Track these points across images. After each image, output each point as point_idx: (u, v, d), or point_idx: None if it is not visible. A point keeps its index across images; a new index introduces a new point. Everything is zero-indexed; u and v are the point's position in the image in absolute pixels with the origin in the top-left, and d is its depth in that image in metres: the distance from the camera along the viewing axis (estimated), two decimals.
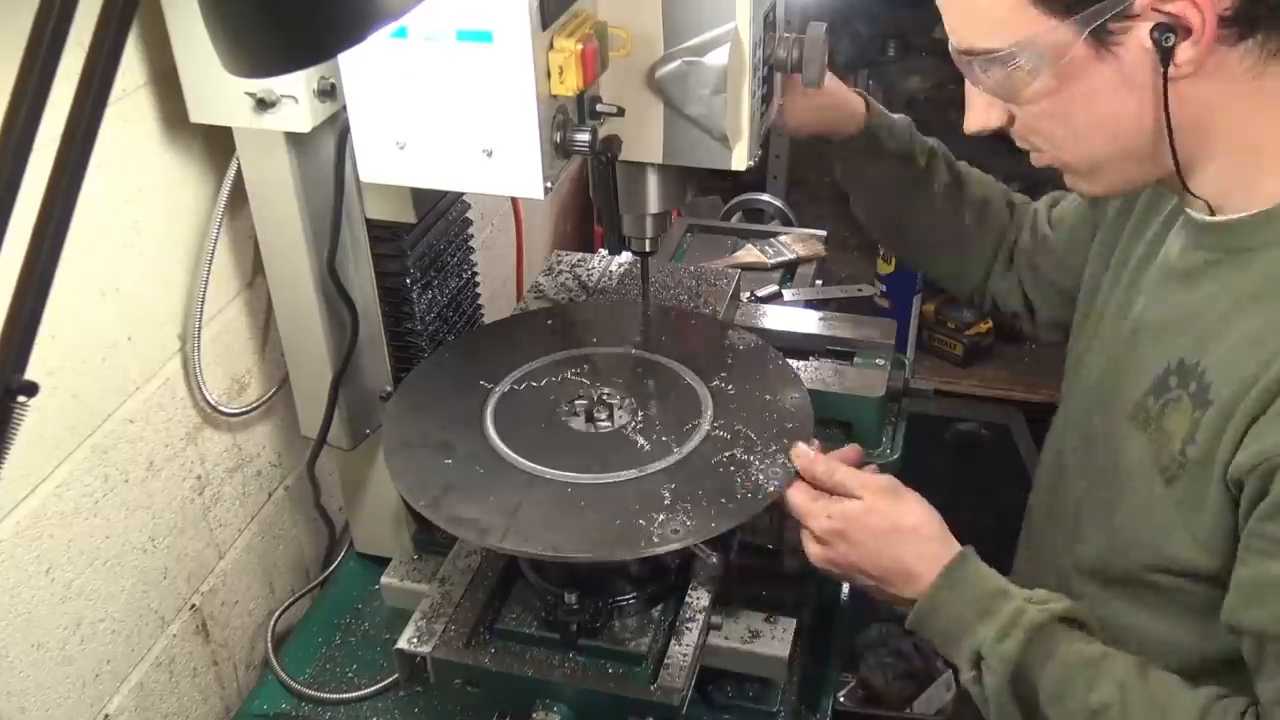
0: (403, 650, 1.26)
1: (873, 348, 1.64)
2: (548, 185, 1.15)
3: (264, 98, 1.20)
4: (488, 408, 1.34)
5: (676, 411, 1.33)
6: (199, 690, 1.48)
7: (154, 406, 1.33)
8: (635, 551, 1.15)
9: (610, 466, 1.24)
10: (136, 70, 1.23)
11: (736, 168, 1.27)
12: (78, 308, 1.20)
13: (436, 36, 1.09)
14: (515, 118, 1.11)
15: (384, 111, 1.15)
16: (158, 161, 1.29)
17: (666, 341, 1.47)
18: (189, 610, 1.45)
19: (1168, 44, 0.96)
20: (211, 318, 1.41)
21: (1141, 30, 0.97)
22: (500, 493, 1.21)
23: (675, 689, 1.19)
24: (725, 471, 1.23)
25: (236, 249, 1.45)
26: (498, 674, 1.24)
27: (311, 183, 1.31)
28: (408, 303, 1.43)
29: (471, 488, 1.22)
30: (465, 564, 1.36)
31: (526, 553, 1.17)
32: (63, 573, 1.21)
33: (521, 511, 1.18)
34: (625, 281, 1.75)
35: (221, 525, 1.50)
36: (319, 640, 1.52)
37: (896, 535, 1.17)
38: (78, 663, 1.25)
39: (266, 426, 1.57)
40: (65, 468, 1.20)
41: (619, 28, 1.20)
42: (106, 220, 1.23)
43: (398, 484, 1.25)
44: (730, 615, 1.32)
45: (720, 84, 1.20)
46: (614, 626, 1.28)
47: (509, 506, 1.18)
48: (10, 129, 0.64)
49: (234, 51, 0.79)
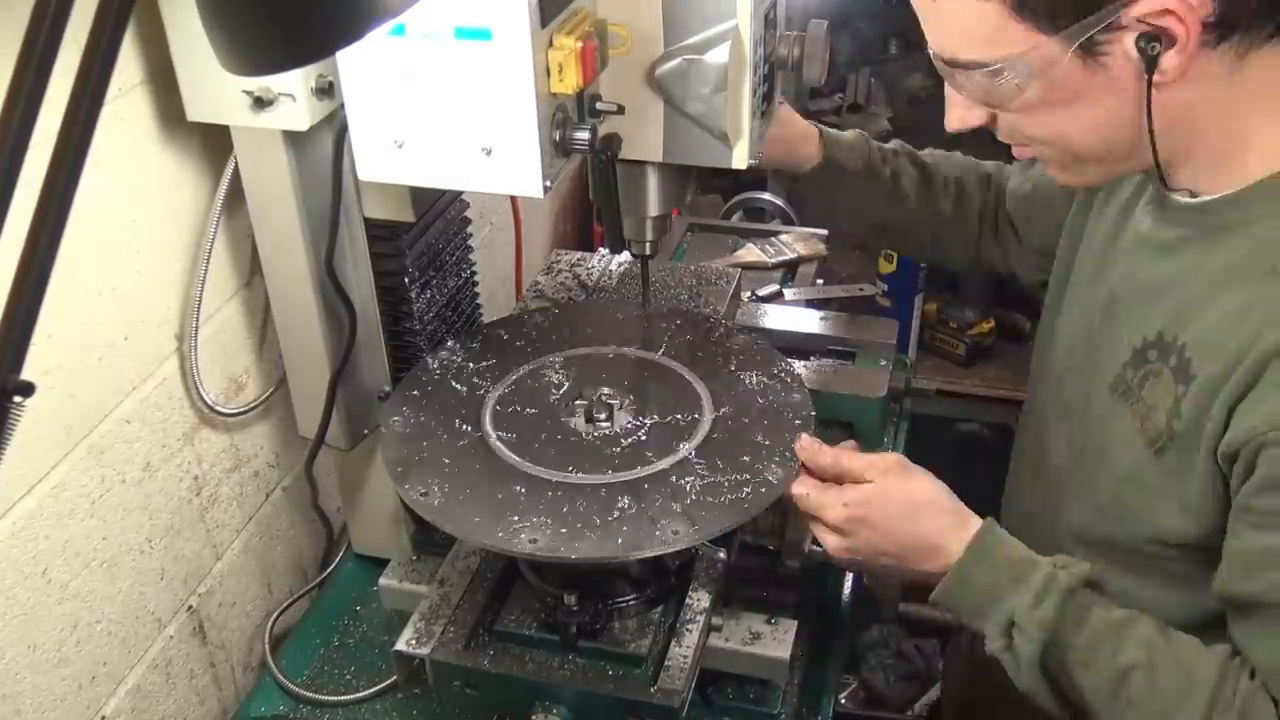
0: (401, 652, 1.25)
1: (874, 348, 1.64)
2: (547, 184, 1.14)
3: (261, 96, 1.19)
4: (486, 409, 1.33)
5: (676, 411, 1.33)
6: (196, 692, 1.48)
7: (151, 407, 1.33)
8: (637, 553, 1.14)
9: (611, 467, 1.24)
10: (133, 68, 1.23)
11: (737, 166, 1.27)
12: (74, 307, 1.19)
13: (435, 34, 1.08)
14: (514, 116, 1.10)
15: (382, 110, 1.15)
16: (155, 160, 1.29)
17: (666, 341, 1.47)
18: (186, 612, 1.44)
19: (1153, 53, 0.97)
20: (209, 317, 1.40)
21: (1127, 40, 0.98)
22: (502, 495, 1.20)
23: (675, 690, 1.19)
24: (727, 470, 1.23)
25: (234, 248, 1.44)
26: (497, 676, 1.23)
27: (309, 181, 1.30)
28: (406, 302, 1.42)
29: (473, 490, 1.21)
30: (464, 565, 1.36)
31: (529, 555, 1.16)
32: (59, 574, 1.21)
33: (524, 514, 1.17)
34: (625, 281, 1.75)
35: (219, 526, 1.49)
36: (317, 642, 1.51)
37: (914, 511, 1.18)
38: (74, 665, 1.24)
39: (264, 427, 1.56)
40: (62, 468, 1.20)
41: (619, 25, 1.20)
42: (103, 219, 1.22)
43: (398, 486, 1.24)
44: (731, 617, 1.31)
45: (721, 82, 1.19)
46: (614, 628, 1.28)
47: (511, 509, 1.18)
48: (6, 127, 0.64)
49: (231, 49, 0.79)
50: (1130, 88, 1.01)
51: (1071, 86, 1.03)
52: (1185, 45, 0.97)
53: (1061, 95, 1.04)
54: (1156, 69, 0.98)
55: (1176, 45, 0.97)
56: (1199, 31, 0.97)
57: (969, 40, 1.04)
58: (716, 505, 1.18)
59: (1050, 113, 1.07)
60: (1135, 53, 0.98)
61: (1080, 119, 1.07)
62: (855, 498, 1.19)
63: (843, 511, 1.19)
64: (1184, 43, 0.96)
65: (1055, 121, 1.08)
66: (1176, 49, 0.97)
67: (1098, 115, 1.05)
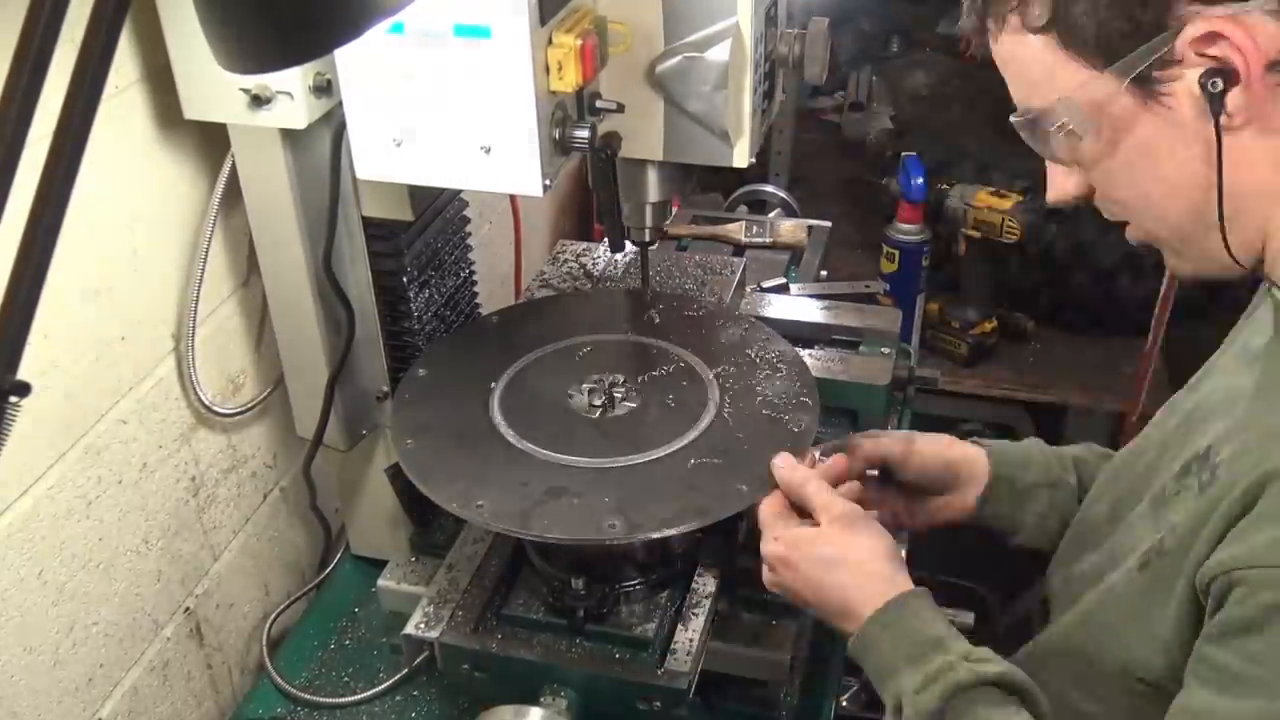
0: (410, 635, 1.26)
1: (878, 336, 1.64)
2: (546, 183, 1.14)
3: (259, 94, 1.19)
4: (494, 397, 1.35)
5: (682, 396, 1.34)
6: (193, 694, 1.47)
7: (148, 407, 1.32)
8: (641, 535, 1.16)
9: (614, 452, 1.25)
10: (130, 66, 1.22)
11: (738, 165, 1.27)
12: (70, 307, 1.18)
13: (434, 32, 1.08)
14: (514, 114, 1.10)
15: (381, 108, 1.14)
16: (151, 159, 1.28)
17: (670, 329, 1.48)
18: (183, 613, 1.43)
19: (1215, 90, 0.90)
20: (206, 317, 1.40)
21: (1190, 77, 0.92)
22: (509, 479, 1.22)
23: (682, 673, 1.19)
24: (733, 455, 1.24)
25: (231, 247, 1.43)
26: (505, 659, 1.24)
27: (307, 180, 1.30)
28: (404, 302, 1.42)
29: (483, 476, 1.23)
30: (472, 550, 1.36)
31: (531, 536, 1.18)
32: (55, 575, 1.20)
33: (531, 498, 1.19)
34: (631, 270, 1.75)
35: (216, 527, 1.49)
36: (315, 644, 1.50)
37: (842, 567, 1.13)
38: (70, 667, 1.24)
39: (262, 427, 1.56)
40: (58, 469, 1.19)
41: (619, 23, 1.19)
42: (99, 218, 1.22)
43: (415, 478, 1.25)
44: (732, 617, 1.31)
45: (721, 80, 1.19)
46: (621, 612, 1.29)
47: (520, 493, 1.20)
48: (2, 126, 0.63)
49: (228, 47, 0.78)
50: (1203, 136, 0.94)
51: (1136, 131, 0.97)
52: (1249, 80, 0.89)
53: (1131, 146, 0.98)
54: (1224, 111, 0.91)
55: (1241, 82, 0.90)
56: (1263, 68, 0.90)
57: (1030, 83, 1.01)
58: (702, 500, 1.19)
59: (1127, 171, 1.01)
60: (1198, 91, 0.91)
61: (1159, 179, 1.00)
62: (789, 537, 1.15)
63: (775, 546, 1.16)
64: (1246, 77, 0.89)
65: (1134, 182, 1.01)
66: (1241, 86, 0.90)
67: (1174, 173, 0.98)
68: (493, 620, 1.30)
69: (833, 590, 1.13)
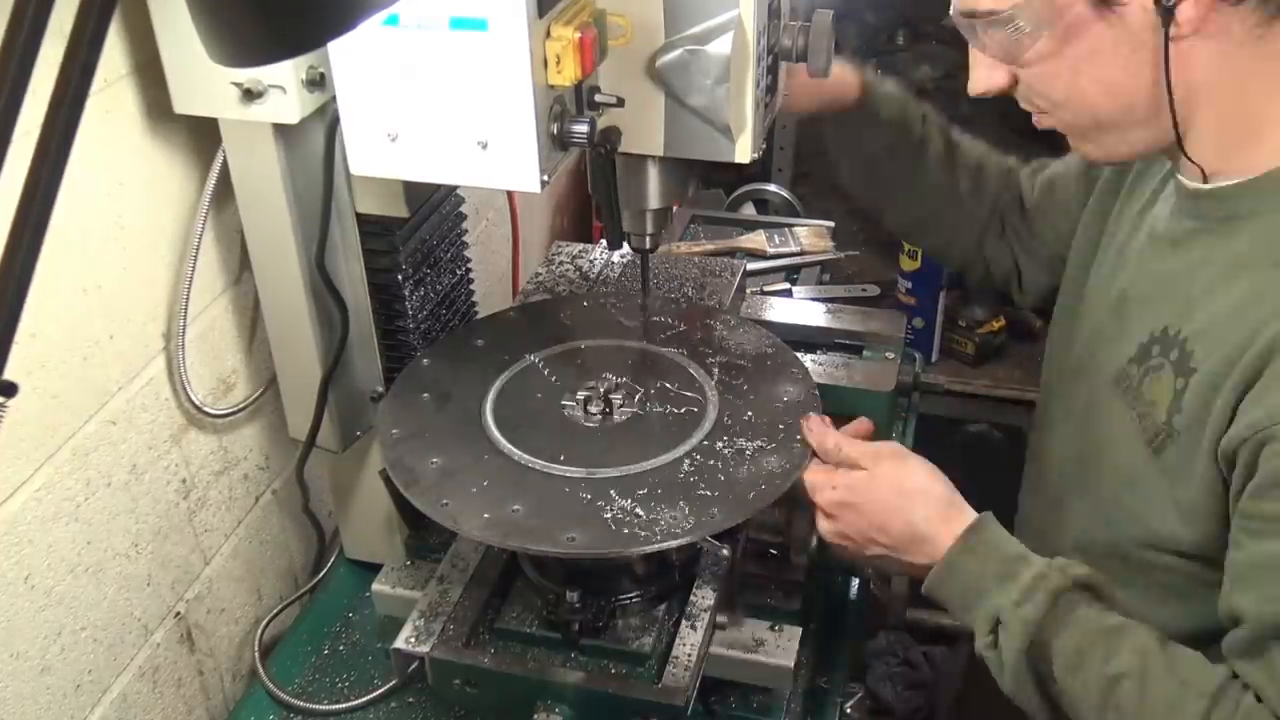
0: (400, 650, 1.24)
1: (882, 341, 1.62)
2: (544, 178, 1.12)
3: (251, 88, 1.18)
4: (487, 403, 1.33)
5: (680, 404, 1.32)
6: (184, 701, 1.45)
7: (137, 407, 1.31)
8: (639, 547, 1.13)
9: (614, 461, 1.23)
10: (119, 60, 1.21)
11: (740, 160, 1.25)
12: (58, 305, 1.17)
13: (429, 24, 1.07)
14: (511, 109, 1.09)
15: (375, 102, 1.13)
16: (141, 154, 1.27)
17: (668, 333, 1.46)
18: (173, 618, 1.42)
19: (1170, 3, 0.98)
20: (196, 315, 1.39)
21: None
22: (502, 489, 1.20)
23: (679, 689, 1.17)
24: (733, 463, 1.23)
25: (222, 244, 1.42)
26: (498, 674, 1.22)
27: (300, 176, 1.29)
28: (399, 300, 1.41)
29: (474, 485, 1.21)
30: (464, 562, 1.34)
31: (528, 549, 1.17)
32: (42, 579, 1.19)
33: (524, 507, 1.17)
34: (627, 272, 1.74)
35: (207, 530, 1.47)
36: (308, 649, 1.49)
37: (904, 499, 1.17)
38: (58, 673, 1.22)
39: (254, 428, 1.55)
40: (45, 471, 1.18)
41: (618, 15, 1.18)
42: (88, 215, 1.20)
43: (399, 482, 1.23)
44: (734, 623, 1.29)
45: (723, 74, 1.17)
46: (616, 625, 1.27)
47: (511, 503, 1.18)
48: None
49: (219, 40, 0.77)
50: (1149, 43, 1.02)
51: (1088, 39, 1.04)
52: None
53: (1079, 50, 1.05)
54: (1173, 22, 0.98)
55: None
56: None
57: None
58: (725, 499, 1.18)
59: (1068, 70, 1.07)
60: (1151, 3, 0.99)
61: (1098, 78, 1.07)
62: (845, 482, 1.19)
63: (833, 495, 1.19)
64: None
65: (1073, 80, 1.08)
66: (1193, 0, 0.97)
67: (1115, 74, 1.06)
68: (485, 634, 1.28)
69: (900, 522, 1.16)
